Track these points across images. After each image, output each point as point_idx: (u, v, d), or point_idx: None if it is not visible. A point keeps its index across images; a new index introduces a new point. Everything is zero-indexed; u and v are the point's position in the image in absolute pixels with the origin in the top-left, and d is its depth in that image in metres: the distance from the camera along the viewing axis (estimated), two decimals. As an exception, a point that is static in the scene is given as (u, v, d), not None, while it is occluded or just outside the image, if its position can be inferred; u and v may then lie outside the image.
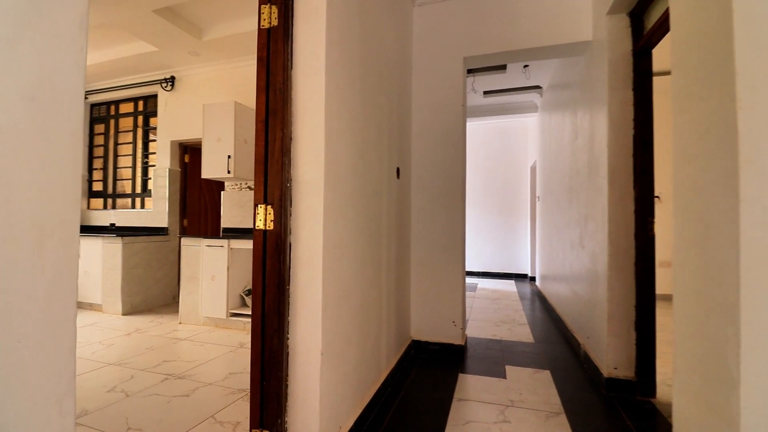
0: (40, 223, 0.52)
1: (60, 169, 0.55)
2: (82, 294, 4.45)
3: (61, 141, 0.55)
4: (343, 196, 1.62)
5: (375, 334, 2.08)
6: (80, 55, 0.60)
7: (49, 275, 0.53)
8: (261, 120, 1.48)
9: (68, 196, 0.56)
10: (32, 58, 0.52)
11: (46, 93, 0.53)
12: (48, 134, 0.53)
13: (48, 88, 0.54)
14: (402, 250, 2.73)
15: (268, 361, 1.44)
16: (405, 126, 2.83)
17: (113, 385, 2.32)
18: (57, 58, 0.55)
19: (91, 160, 5.72)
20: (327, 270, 1.45)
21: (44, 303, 0.53)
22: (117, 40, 4.34)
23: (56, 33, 0.55)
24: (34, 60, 0.52)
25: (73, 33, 0.57)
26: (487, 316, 4.20)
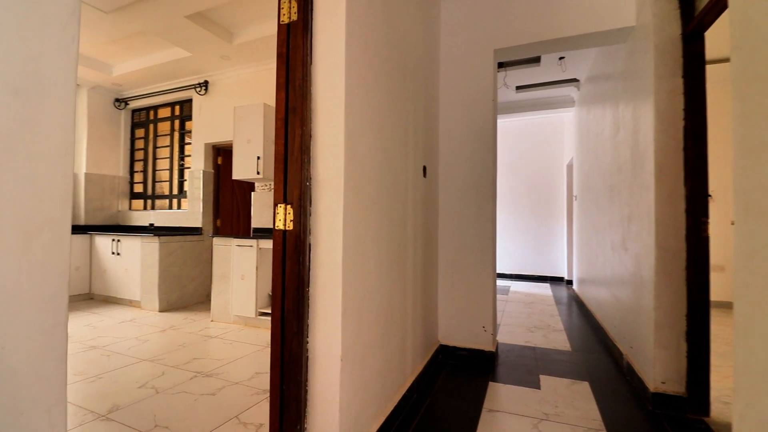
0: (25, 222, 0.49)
1: (48, 165, 0.53)
2: (123, 290, 4.67)
3: (49, 135, 0.52)
4: (364, 195, 1.56)
5: (399, 339, 2.01)
6: (71, 45, 0.57)
7: (36, 278, 0.51)
8: (281, 118, 1.45)
9: (57, 193, 0.53)
10: (16, 48, 0.49)
11: (33, 85, 0.51)
12: (35, 128, 0.51)
13: (35, 79, 0.51)
14: (429, 251, 2.64)
15: (288, 364, 1.40)
16: (432, 123, 2.74)
17: (145, 381, 2.37)
18: (45, 48, 0.52)
19: (132, 163, 6.00)
20: (347, 272, 1.40)
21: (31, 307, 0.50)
22: (154, 47, 4.52)
23: (44, 21, 0.52)
24: (18, 49, 0.49)
25: (63, 21, 0.55)
26: (519, 321, 4.02)
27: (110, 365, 2.65)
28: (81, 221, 5.46)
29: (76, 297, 4.87)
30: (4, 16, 0.49)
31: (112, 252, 4.80)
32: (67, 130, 0.55)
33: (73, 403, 2.05)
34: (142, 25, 3.75)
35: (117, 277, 4.74)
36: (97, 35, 4.06)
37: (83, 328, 3.60)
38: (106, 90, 5.66)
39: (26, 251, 0.49)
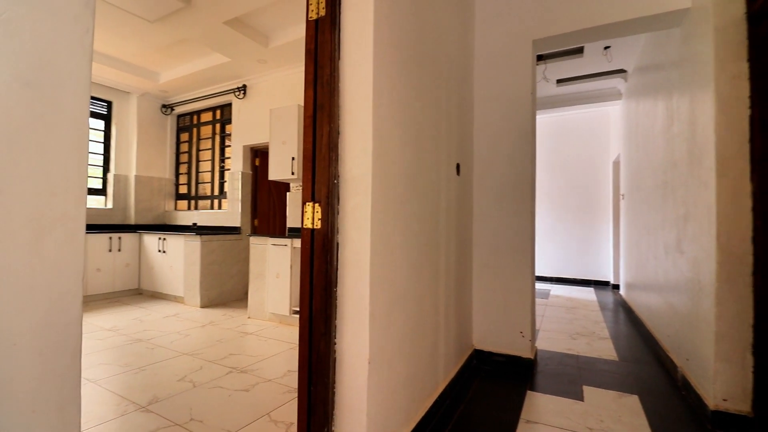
0: (38, 218, 0.49)
1: (61, 160, 0.52)
2: (168, 286, 4.91)
3: (62, 129, 0.52)
4: (394, 192, 1.51)
5: (431, 342, 1.94)
6: (85, 37, 0.57)
7: (48, 274, 0.51)
8: (309, 115, 1.43)
9: (71, 188, 0.53)
10: (28, 39, 0.49)
11: (46, 77, 0.51)
12: (48, 122, 0.51)
13: (48, 72, 0.51)
14: (463, 252, 2.55)
15: (315, 366, 1.38)
16: (466, 119, 2.65)
17: (184, 374, 2.46)
18: (58, 39, 0.52)
19: (178, 166, 6.31)
20: (375, 272, 1.36)
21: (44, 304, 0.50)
22: (196, 54, 4.72)
23: (56, 12, 0.52)
24: (30, 41, 0.49)
25: (76, 12, 0.54)
26: (561, 327, 3.81)
27: (153, 358, 2.77)
28: (131, 221, 5.81)
29: (127, 292, 5.18)
30: (15, 8, 0.49)
31: (158, 250, 5.06)
32: (80, 123, 0.55)
33: (117, 393, 2.16)
34: (184, 33, 3.92)
35: (163, 273, 5.00)
36: (143, 44, 4.30)
37: (131, 322, 3.81)
38: (154, 97, 5.98)
39: (38, 247, 0.49)
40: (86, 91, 0.58)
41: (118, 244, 5.06)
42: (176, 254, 4.83)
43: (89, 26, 0.58)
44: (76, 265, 0.55)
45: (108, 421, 1.85)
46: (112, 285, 4.99)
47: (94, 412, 1.94)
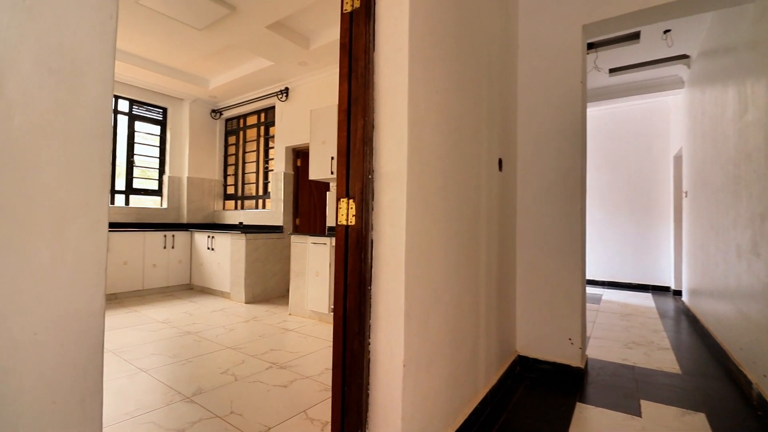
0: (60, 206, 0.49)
1: (84, 148, 0.52)
2: (216, 282, 5.14)
3: (85, 117, 0.52)
4: (431, 188, 1.45)
5: (471, 346, 1.86)
6: (108, 23, 0.56)
7: (70, 263, 0.51)
8: (343, 109, 1.40)
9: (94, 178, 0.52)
10: (52, 25, 0.49)
11: (68, 64, 0.51)
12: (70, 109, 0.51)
13: (69, 58, 0.51)
14: (505, 252, 2.42)
15: (349, 366, 1.34)
16: (509, 111, 2.52)
17: (227, 367, 2.54)
18: (81, 25, 0.52)
19: (226, 167, 6.61)
20: (411, 271, 1.30)
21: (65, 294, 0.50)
22: (241, 59, 4.90)
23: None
24: (53, 27, 0.50)
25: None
26: (614, 335, 3.54)
27: (200, 350, 2.89)
28: (184, 220, 6.16)
29: (179, 287, 5.49)
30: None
31: (207, 247, 5.32)
32: (104, 111, 0.55)
33: (165, 383, 2.27)
34: (230, 39, 4.08)
35: (211, 270, 5.24)
36: (194, 52, 4.53)
37: (182, 315, 4.02)
38: (204, 102, 6.30)
39: (60, 237, 0.49)
40: (109, 77, 0.59)
41: (171, 242, 5.37)
42: (223, 252, 5.05)
43: (112, 12, 0.58)
44: (98, 255, 0.55)
45: (155, 410, 1.94)
46: (167, 280, 5.31)
47: (143, 400, 2.04)
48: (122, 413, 1.89)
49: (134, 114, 5.75)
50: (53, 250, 0.49)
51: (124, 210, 5.54)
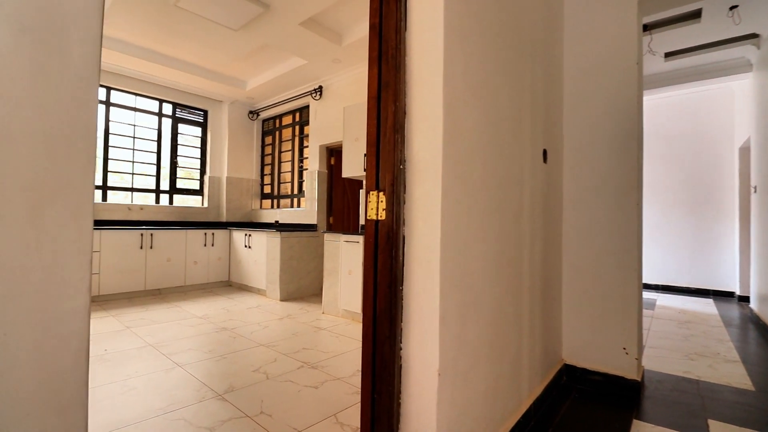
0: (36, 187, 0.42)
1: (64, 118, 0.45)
2: (253, 279, 5.23)
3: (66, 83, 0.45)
4: (469, 179, 1.31)
5: (513, 353, 1.70)
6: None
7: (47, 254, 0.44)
8: (372, 96, 1.30)
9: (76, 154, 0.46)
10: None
11: (45, 21, 0.44)
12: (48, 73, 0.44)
13: (47, 15, 0.44)
14: (550, 251, 2.23)
15: (379, 371, 1.24)
16: (554, 97, 2.32)
17: (259, 365, 2.52)
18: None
19: (263, 167, 6.74)
20: (446, 269, 1.18)
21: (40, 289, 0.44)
22: (276, 59, 4.95)
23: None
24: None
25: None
26: (672, 344, 3.21)
27: (234, 347, 2.91)
28: (223, 218, 6.34)
29: (218, 283, 5.65)
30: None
31: (245, 245, 5.43)
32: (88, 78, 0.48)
33: (199, 379, 2.28)
34: (264, 38, 4.11)
35: (249, 267, 5.34)
36: (230, 53, 4.62)
37: (219, 311, 4.11)
38: (242, 103, 6.46)
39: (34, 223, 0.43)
40: (96, 37, 0.51)
41: (211, 240, 5.53)
42: (260, 250, 5.12)
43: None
44: (81, 245, 0.48)
45: (187, 406, 1.93)
46: (206, 276, 5.47)
47: (177, 396, 2.05)
48: (156, 408, 1.90)
49: (177, 117, 5.98)
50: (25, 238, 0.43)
51: (168, 209, 5.77)
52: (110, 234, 4.57)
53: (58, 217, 0.47)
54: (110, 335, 3.14)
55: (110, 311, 4.00)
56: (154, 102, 5.73)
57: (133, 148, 5.49)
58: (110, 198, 5.28)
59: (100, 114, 5.16)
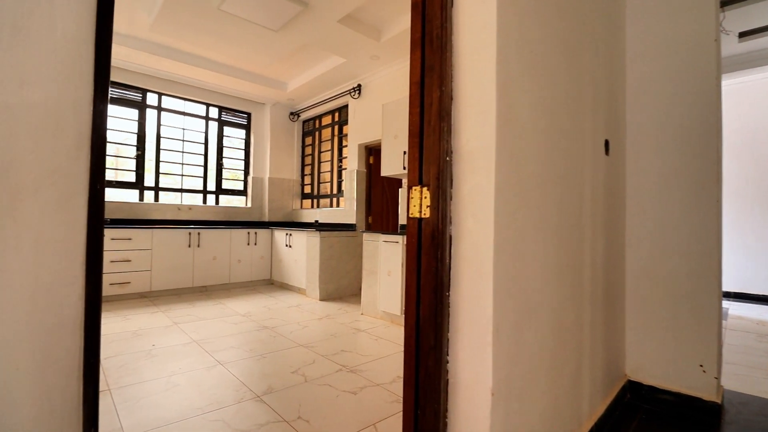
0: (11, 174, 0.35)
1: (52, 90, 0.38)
2: (293, 278, 5.28)
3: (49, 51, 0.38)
4: (525, 171, 1.16)
5: (574, 368, 1.51)
6: None
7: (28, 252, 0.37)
8: (415, 81, 1.19)
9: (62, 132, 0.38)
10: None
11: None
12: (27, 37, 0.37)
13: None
14: (612, 253, 2.00)
15: (423, 385, 1.12)
16: (616, 82, 2.08)
17: (298, 367, 2.48)
18: None
19: (303, 167, 6.83)
20: (500, 274, 1.04)
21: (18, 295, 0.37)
22: (315, 59, 4.96)
23: None
24: None
25: None
26: (753, 361, 2.82)
27: (274, 346, 2.90)
28: (266, 218, 6.48)
29: (260, 282, 5.76)
30: None
31: (285, 245, 5.50)
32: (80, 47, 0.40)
33: (239, 379, 2.27)
34: (304, 38, 4.11)
35: (289, 266, 5.40)
36: (271, 55, 4.68)
37: (261, 309, 4.16)
38: (283, 105, 6.57)
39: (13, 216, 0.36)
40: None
41: (254, 239, 5.66)
42: (300, 249, 5.16)
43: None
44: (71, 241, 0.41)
45: (226, 407, 1.91)
46: (250, 275, 5.60)
47: (216, 395, 2.05)
48: (195, 408, 1.90)
49: (223, 120, 6.18)
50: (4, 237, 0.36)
51: (215, 209, 5.98)
52: (161, 233, 4.78)
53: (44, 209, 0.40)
54: (159, 331, 3.24)
55: (160, 307, 4.17)
56: (201, 106, 5.96)
57: (182, 150, 5.73)
58: (162, 198, 5.54)
59: (153, 119, 5.43)
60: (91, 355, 0.65)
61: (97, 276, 0.61)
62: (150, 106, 5.43)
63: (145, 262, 4.62)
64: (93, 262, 0.60)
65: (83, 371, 0.56)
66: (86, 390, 0.65)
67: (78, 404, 0.48)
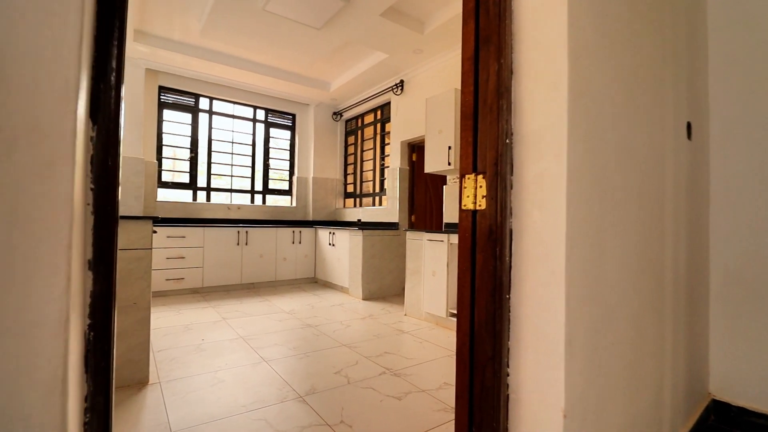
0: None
1: (31, 20, 0.30)
2: (336, 277, 5.28)
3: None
4: (600, 155, 0.99)
5: (655, 386, 1.30)
6: None
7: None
8: (468, 57, 1.06)
9: (45, 78, 0.31)
10: None
11: None
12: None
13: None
14: (694, 252, 1.74)
15: (479, 400, 0.99)
16: (698, 57, 1.81)
17: (341, 367, 2.42)
18: None
19: (346, 167, 6.85)
20: (573, 274, 0.88)
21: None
22: (357, 57, 4.92)
23: None
24: None
25: None
26: None
27: (317, 345, 2.87)
28: (310, 217, 6.56)
29: (305, 280, 5.83)
30: None
31: (329, 243, 5.52)
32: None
33: (282, 377, 2.24)
34: (347, 34, 4.08)
35: (332, 265, 5.41)
36: (314, 54, 4.70)
37: (305, 307, 4.18)
38: (326, 105, 6.62)
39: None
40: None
41: (299, 237, 5.73)
42: (343, 248, 5.15)
43: None
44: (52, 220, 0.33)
45: (269, 406, 1.88)
46: (294, 273, 5.68)
47: (260, 393, 2.03)
48: (239, 405, 1.88)
49: (269, 121, 6.34)
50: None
51: (262, 208, 6.15)
52: (212, 231, 4.97)
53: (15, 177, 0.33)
54: (208, 326, 3.34)
55: (210, 302, 4.32)
56: (248, 109, 6.14)
57: (231, 152, 5.94)
58: (213, 198, 5.77)
59: (205, 122, 5.67)
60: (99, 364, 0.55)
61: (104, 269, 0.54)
62: (202, 110, 5.67)
63: (197, 259, 4.82)
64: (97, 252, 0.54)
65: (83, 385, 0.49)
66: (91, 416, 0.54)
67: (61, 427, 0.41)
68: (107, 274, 0.57)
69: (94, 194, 0.53)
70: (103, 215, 0.55)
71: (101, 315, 0.56)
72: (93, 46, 0.47)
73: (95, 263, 0.55)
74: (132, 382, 2.09)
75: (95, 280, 0.54)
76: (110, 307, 0.56)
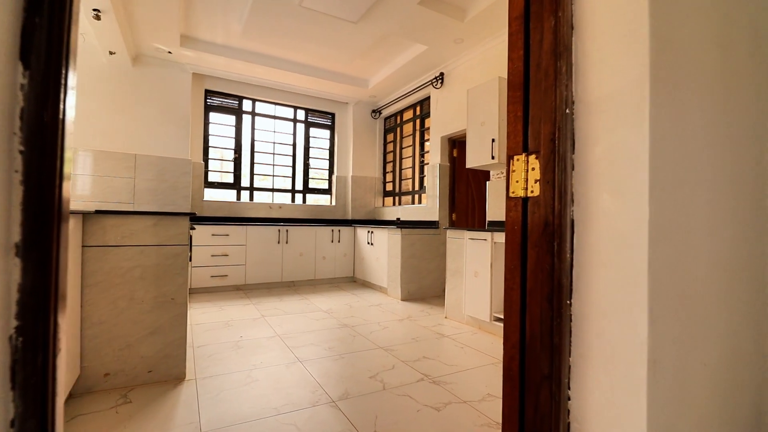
0: None
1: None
2: (375, 277, 5.18)
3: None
4: (690, 126, 0.79)
5: (751, 412, 1.06)
6: None
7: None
8: (516, 16, 0.89)
9: None
10: None
11: None
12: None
13: None
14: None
15: (532, 426, 0.82)
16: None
17: (376, 371, 2.30)
18: None
19: (384, 165, 6.75)
20: (657, 276, 0.69)
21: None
22: (395, 51, 4.79)
23: None
24: None
25: None
26: None
27: (353, 346, 2.77)
28: (348, 216, 6.53)
29: (343, 279, 5.80)
30: None
31: (367, 242, 5.44)
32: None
33: (316, 379, 2.16)
34: (384, 27, 3.96)
35: (371, 264, 5.33)
36: (351, 50, 4.63)
37: (343, 306, 4.12)
38: (365, 103, 6.56)
39: None
40: None
41: (338, 236, 5.71)
42: (381, 247, 5.05)
43: None
44: None
45: (300, 410, 1.80)
46: (333, 272, 5.66)
47: (293, 395, 1.95)
48: (270, 407, 1.81)
49: (309, 121, 6.39)
50: None
51: (302, 207, 6.20)
52: (254, 230, 5.06)
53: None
54: (247, 323, 3.36)
55: (252, 299, 4.38)
56: (289, 109, 6.22)
57: (273, 152, 6.04)
58: (256, 198, 5.90)
59: (248, 124, 5.81)
60: (29, 379, 0.44)
61: (37, 256, 0.42)
62: (245, 112, 5.81)
63: (240, 257, 4.92)
64: (27, 233, 0.45)
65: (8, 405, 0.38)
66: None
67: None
68: (42, 263, 0.47)
69: (24, 158, 0.45)
70: (36, 186, 0.46)
71: (32, 316, 0.46)
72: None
73: (24, 248, 0.46)
74: (169, 378, 2.10)
75: (24, 270, 0.45)
76: (46, 305, 0.47)
